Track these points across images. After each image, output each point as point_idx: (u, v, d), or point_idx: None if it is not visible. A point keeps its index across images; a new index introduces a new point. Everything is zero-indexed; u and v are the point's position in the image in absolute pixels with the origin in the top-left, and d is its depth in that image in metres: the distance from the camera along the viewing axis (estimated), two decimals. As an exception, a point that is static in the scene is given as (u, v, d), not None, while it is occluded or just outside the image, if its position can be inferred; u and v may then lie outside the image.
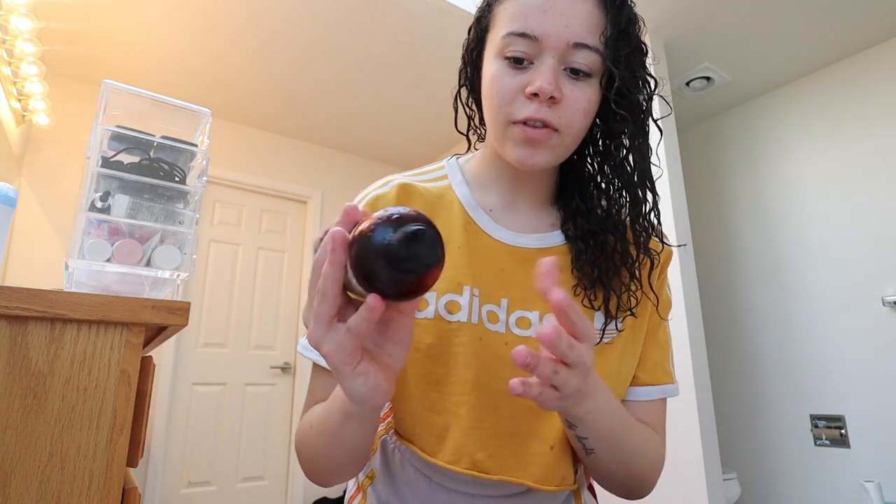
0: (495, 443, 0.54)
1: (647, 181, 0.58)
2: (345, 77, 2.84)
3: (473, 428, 0.53)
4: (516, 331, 0.56)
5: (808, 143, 2.69)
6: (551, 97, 0.51)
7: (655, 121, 0.59)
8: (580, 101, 0.52)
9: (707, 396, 2.16)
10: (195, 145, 0.82)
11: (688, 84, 2.79)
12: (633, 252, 0.59)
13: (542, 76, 0.51)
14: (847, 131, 2.55)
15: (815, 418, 2.45)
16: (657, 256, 0.62)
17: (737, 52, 2.56)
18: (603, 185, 0.61)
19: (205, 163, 0.83)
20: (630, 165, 0.57)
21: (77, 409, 0.57)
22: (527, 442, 0.54)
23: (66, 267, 0.71)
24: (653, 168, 0.59)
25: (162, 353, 2.84)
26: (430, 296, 0.57)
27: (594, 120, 0.59)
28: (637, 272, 0.59)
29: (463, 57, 0.63)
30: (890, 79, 2.43)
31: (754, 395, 2.70)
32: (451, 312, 0.56)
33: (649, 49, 0.58)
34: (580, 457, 0.55)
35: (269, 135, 3.47)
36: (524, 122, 0.53)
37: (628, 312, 0.59)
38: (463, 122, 0.66)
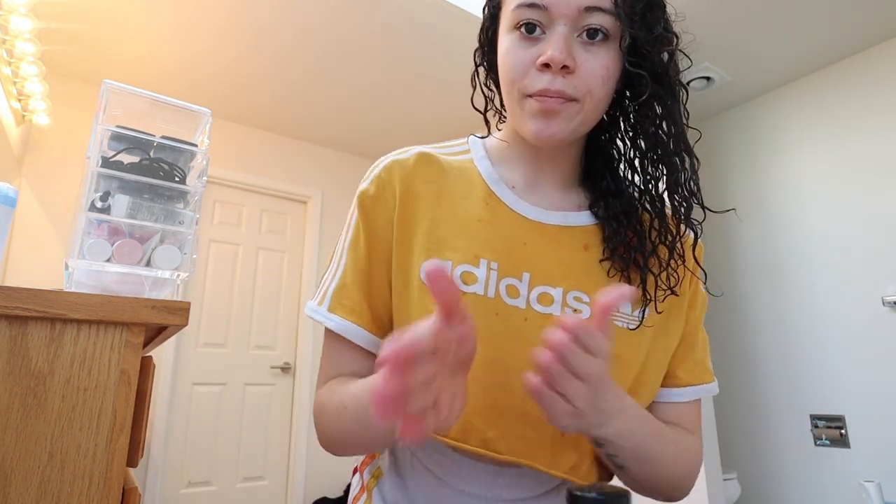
0: (505, 422, 0.51)
1: (683, 144, 0.54)
2: (345, 77, 2.84)
3: (483, 405, 0.51)
4: (537, 307, 0.54)
5: (808, 143, 2.69)
6: (564, 66, 0.49)
7: (683, 84, 0.55)
8: (597, 69, 0.50)
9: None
10: (195, 145, 0.82)
11: (688, 84, 2.79)
12: (673, 227, 0.56)
13: (552, 45, 0.49)
14: (847, 131, 2.55)
15: (815, 418, 2.45)
16: (699, 227, 0.58)
17: (737, 52, 2.56)
18: (636, 163, 0.58)
19: (205, 163, 0.83)
20: (665, 133, 0.54)
21: (77, 409, 0.57)
22: (537, 424, 0.51)
23: (66, 267, 0.71)
24: (688, 131, 0.55)
25: (162, 353, 2.84)
26: (445, 265, 0.54)
27: (623, 93, 0.57)
28: (679, 247, 0.56)
29: (479, 37, 0.61)
30: (890, 79, 2.43)
31: (754, 395, 2.70)
32: (465, 283, 0.54)
33: (668, 3, 0.54)
34: (612, 470, 0.54)
35: (269, 135, 3.47)
36: (539, 95, 0.51)
37: (669, 292, 0.56)
38: (479, 102, 0.64)
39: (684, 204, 0.55)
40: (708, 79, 2.75)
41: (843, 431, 2.35)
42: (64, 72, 2.75)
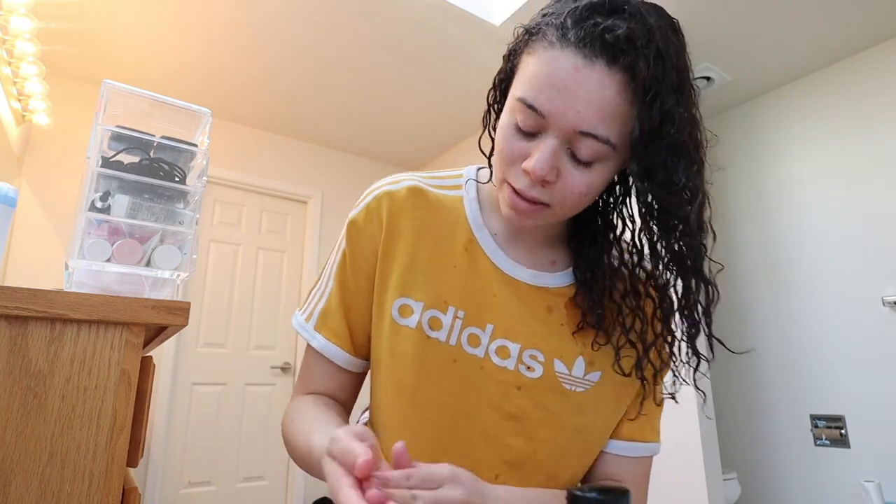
0: (447, 459, 0.52)
1: (696, 273, 0.52)
2: (345, 77, 2.83)
3: (429, 442, 0.55)
4: (495, 359, 0.57)
5: (808, 143, 2.69)
6: (544, 179, 0.49)
7: (703, 232, 0.52)
8: (578, 186, 0.50)
9: (707, 396, 2.16)
10: (195, 145, 0.82)
11: (688, 84, 2.79)
12: (659, 330, 0.57)
13: (538, 155, 0.48)
14: (847, 131, 2.55)
15: (815, 418, 2.45)
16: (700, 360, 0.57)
17: (737, 52, 2.56)
18: (630, 237, 0.57)
19: (205, 163, 0.83)
20: (676, 251, 0.52)
21: (77, 409, 0.57)
22: (474, 466, 0.51)
23: (66, 267, 0.71)
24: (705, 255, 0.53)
25: (162, 353, 2.84)
26: (415, 306, 0.58)
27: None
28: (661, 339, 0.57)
29: (494, 80, 0.60)
30: (890, 79, 2.43)
31: (754, 395, 2.70)
32: (432, 328, 0.57)
33: (705, 144, 0.52)
34: None
35: (269, 135, 3.47)
36: (516, 192, 0.52)
37: (624, 371, 0.57)
38: (486, 140, 0.63)
39: (693, 329, 0.55)
40: (708, 79, 2.75)
41: (843, 431, 2.35)
42: (64, 72, 2.75)
